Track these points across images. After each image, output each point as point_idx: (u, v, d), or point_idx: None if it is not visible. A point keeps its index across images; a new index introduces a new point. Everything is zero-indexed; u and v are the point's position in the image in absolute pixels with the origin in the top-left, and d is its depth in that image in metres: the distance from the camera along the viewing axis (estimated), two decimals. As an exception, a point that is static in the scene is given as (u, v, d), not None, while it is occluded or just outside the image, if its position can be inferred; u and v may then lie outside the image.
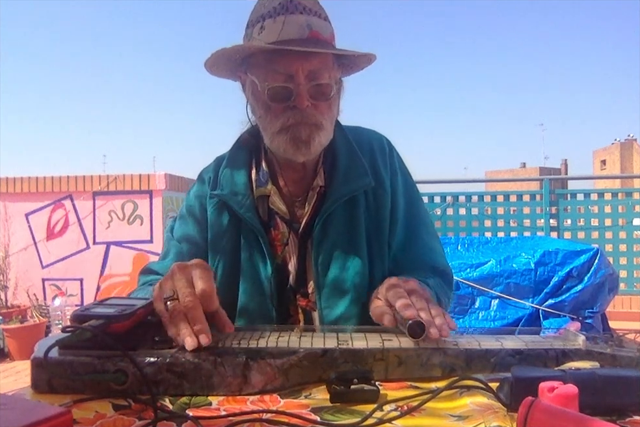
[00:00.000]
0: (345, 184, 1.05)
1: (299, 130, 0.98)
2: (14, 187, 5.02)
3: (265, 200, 1.08)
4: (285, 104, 0.98)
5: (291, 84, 0.96)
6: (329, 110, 1.01)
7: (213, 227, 1.09)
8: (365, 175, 1.06)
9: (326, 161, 1.09)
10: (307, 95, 0.97)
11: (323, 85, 0.98)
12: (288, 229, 1.06)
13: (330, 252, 1.03)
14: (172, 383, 0.69)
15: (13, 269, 4.88)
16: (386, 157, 1.11)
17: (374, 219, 1.06)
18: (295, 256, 1.06)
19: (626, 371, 0.65)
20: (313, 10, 0.99)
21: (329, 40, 1.01)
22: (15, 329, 4.37)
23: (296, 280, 1.06)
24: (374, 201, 1.07)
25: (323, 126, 0.99)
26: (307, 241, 1.05)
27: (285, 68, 0.96)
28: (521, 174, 34.95)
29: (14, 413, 0.51)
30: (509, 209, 5.28)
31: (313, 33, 0.97)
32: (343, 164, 1.07)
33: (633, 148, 30.79)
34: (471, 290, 3.38)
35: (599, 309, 3.25)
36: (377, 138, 1.15)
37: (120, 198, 4.87)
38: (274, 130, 1.00)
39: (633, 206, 4.99)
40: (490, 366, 0.73)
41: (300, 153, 1.00)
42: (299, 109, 0.97)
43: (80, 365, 0.69)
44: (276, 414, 0.62)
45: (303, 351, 0.72)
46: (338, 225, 1.04)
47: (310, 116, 0.98)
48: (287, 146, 0.99)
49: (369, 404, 0.65)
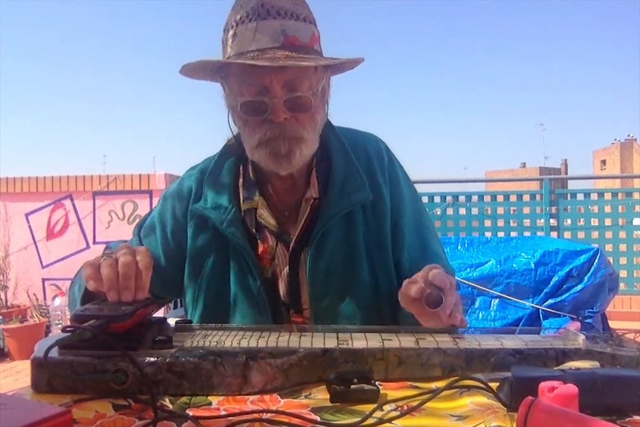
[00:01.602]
0: (341, 198, 0.99)
1: (278, 144, 0.93)
2: (14, 187, 5.02)
3: (253, 213, 1.03)
4: (262, 117, 0.92)
5: (266, 98, 0.91)
6: (311, 120, 0.95)
7: (196, 242, 1.04)
8: (362, 188, 1.00)
9: (320, 170, 1.03)
10: (283, 107, 0.91)
11: (302, 97, 0.92)
12: (276, 242, 1.02)
13: (327, 269, 0.98)
14: (172, 383, 0.69)
15: (13, 269, 4.88)
16: (385, 166, 1.05)
17: (375, 233, 1.01)
18: (285, 271, 1.01)
19: (626, 371, 0.65)
20: (289, 12, 0.91)
21: (309, 44, 0.93)
22: (15, 329, 4.38)
23: (289, 295, 1.02)
24: (373, 214, 1.02)
25: (304, 138, 0.94)
26: (298, 255, 1.01)
27: (258, 80, 0.90)
28: (521, 174, 34.95)
29: (14, 413, 0.51)
30: (509, 209, 5.28)
31: (289, 39, 0.90)
32: (339, 175, 1.01)
33: (633, 148, 30.79)
34: (471, 290, 3.37)
35: (599, 309, 3.25)
36: (374, 145, 1.08)
37: (120, 198, 4.87)
38: (253, 144, 0.95)
39: (633, 205, 4.99)
40: (490, 366, 0.73)
41: (282, 167, 0.95)
42: (276, 123, 0.91)
43: (80, 365, 0.69)
44: (276, 414, 0.62)
45: (303, 351, 0.72)
46: (334, 240, 0.99)
47: (289, 129, 0.92)
48: (267, 160, 0.95)
49: (369, 404, 0.65)
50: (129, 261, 0.79)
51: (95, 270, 0.80)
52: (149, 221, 1.13)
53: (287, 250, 1.02)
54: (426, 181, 5.66)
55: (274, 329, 0.83)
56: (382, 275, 1.01)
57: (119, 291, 0.77)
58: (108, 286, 0.77)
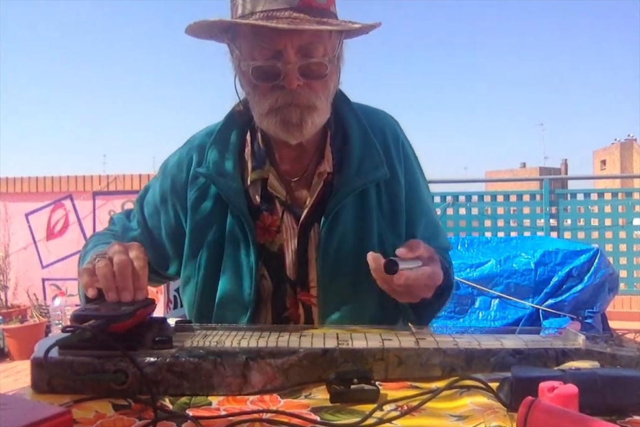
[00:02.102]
0: (358, 175, 0.95)
1: (289, 112, 0.88)
2: (14, 187, 5.02)
3: (261, 183, 0.99)
4: (273, 83, 0.87)
5: (279, 62, 0.86)
6: (324, 88, 0.90)
7: (195, 215, 1.00)
8: (380, 166, 0.96)
9: (335, 144, 0.98)
10: (297, 74, 0.86)
11: (317, 63, 0.87)
12: (288, 214, 0.98)
13: (338, 246, 0.95)
14: (172, 383, 0.69)
15: (13, 269, 4.88)
16: (399, 146, 1.02)
17: (388, 212, 0.98)
18: (294, 245, 0.97)
19: (626, 371, 0.65)
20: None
21: (325, 5, 0.88)
22: (15, 329, 4.37)
23: (296, 272, 0.98)
24: (387, 194, 0.98)
25: (317, 107, 0.89)
26: (308, 230, 0.97)
27: (271, 44, 0.85)
28: (521, 174, 34.94)
29: (14, 413, 0.51)
30: (509, 209, 5.28)
31: (306, 0, 0.85)
32: (356, 151, 0.97)
33: (633, 148, 30.78)
34: (471, 290, 3.37)
35: (599, 309, 3.25)
36: (390, 123, 1.05)
37: (120, 198, 4.87)
38: (262, 111, 0.90)
39: (633, 206, 4.99)
40: (490, 366, 0.73)
41: (292, 137, 0.91)
42: (288, 90, 0.87)
43: (80, 365, 0.69)
44: (276, 414, 0.62)
45: (303, 351, 0.72)
46: (347, 218, 0.96)
47: (301, 96, 0.87)
48: (277, 128, 0.90)
49: (369, 404, 0.65)
50: (123, 260, 0.79)
51: (92, 276, 0.79)
52: (151, 196, 1.09)
53: (296, 224, 0.98)
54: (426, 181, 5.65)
55: (274, 329, 0.83)
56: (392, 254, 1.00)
57: (118, 292, 0.77)
58: (106, 287, 0.77)
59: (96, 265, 0.79)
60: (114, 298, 0.77)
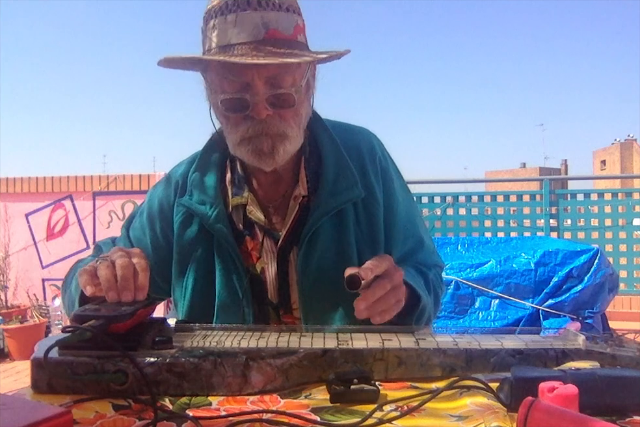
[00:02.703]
0: (333, 196, 0.97)
1: (260, 142, 0.90)
2: (14, 187, 5.02)
3: (242, 209, 1.01)
4: (244, 114, 0.89)
5: (248, 95, 0.87)
6: (295, 116, 0.92)
7: (182, 238, 1.02)
8: (354, 186, 0.98)
9: (309, 167, 1.00)
10: (265, 104, 0.88)
11: (285, 94, 0.89)
12: (267, 238, 1.00)
13: (317, 267, 0.96)
14: (172, 383, 0.69)
15: (13, 269, 4.88)
16: (376, 162, 1.03)
17: (366, 230, 0.99)
18: (273, 269, 0.99)
19: (626, 372, 0.65)
20: (270, 2, 0.87)
21: (292, 36, 0.89)
22: (15, 329, 4.37)
23: (278, 294, 1.00)
24: (365, 212, 0.99)
25: (288, 135, 0.91)
26: (287, 253, 0.99)
27: (239, 76, 0.87)
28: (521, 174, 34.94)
29: (14, 413, 0.51)
30: (509, 210, 5.28)
31: (270, 32, 0.86)
32: (330, 173, 0.98)
33: (633, 148, 30.79)
34: (471, 290, 3.37)
35: (599, 309, 3.25)
36: (366, 140, 1.05)
37: (120, 198, 4.87)
38: (235, 141, 0.93)
39: (633, 206, 4.98)
40: (490, 366, 0.73)
41: (266, 164, 0.93)
42: (258, 120, 0.89)
43: (80, 365, 0.69)
44: (276, 414, 0.63)
45: (303, 351, 0.72)
46: (325, 239, 0.97)
47: (272, 126, 0.89)
48: (250, 157, 0.92)
49: (369, 404, 0.65)
50: (126, 263, 0.80)
51: (92, 276, 0.80)
52: (138, 220, 1.11)
53: (275, 247, 1.00)
54: (426, 181, 5.66)
55: (274, 329, 0.83)
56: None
57: (118, 292, 0.77)
58: (107, 287, 0.77)
59: (98, 267, 0.79)
60: (115, 298, 0.77)
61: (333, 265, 0.96)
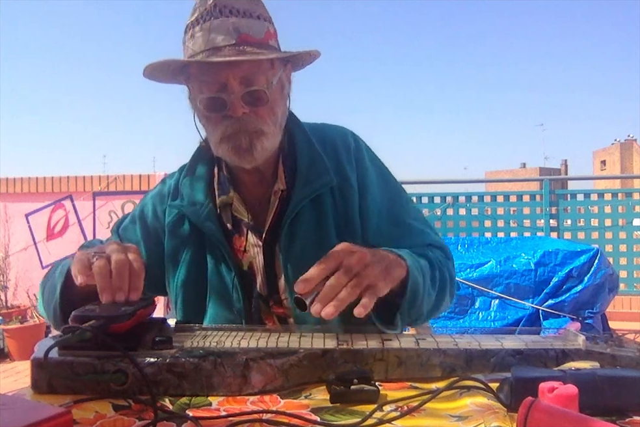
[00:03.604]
0: (306, 185, 1.02)
1: (239, 139, 0.95)
2: (14, 187, 5.02)
3: (229, 208, 1.06)
4: (222, 113, 0.95)
5: (224, 94, 0.93)
6: (270, 114, 0.97)
7: (173, 237, 1.07)
8: (326, 173, 1.02)
9: (286, 163, 1.05)
10: (241, 102, 0.93)
11: (259, 91, 0.94)
12: (252, 234, 1.04)
13: (300, 255, 0.99)
14: (172, 383, 0.69)
15: (13, 269, 4.88)
16: (351, 153, 1.07)
17: (343, 216, 1.03)
18: (261, 263, 1.03)
19: (626, 372, 0.65)
20: (242, 11, 0.94)
21: (263, 40, 0.96)
22: (15, 329, 4.38)
23: (267, 287, 1.03)
24: (342, 198, 1.03)
25: (264, 132, 0.96)
26: (273, 246, 1.03)
27: (215, 78, 0.93)
28: (521, 174, 34.96)
29: (14, 413, 0.51)
30: (509, 210, 5.27)
31: (242, 37, 0.93)
32: (304, 165, 1.03)
33: (633, 148, 30.80)
34: (471, 290, 3.37)
35: (599, 309, 3.25)
36: (341, 135, 1.11)
37: (120, 198, 4.87)
38: (216, 140, 0.98)
39: (633, 206, 4.98)
40: (490, 366, 0.73)
41: (245, 161, 0.98)
42: (235, 118, 0.94)
43: (80, 365, 0.69)
44: (276, 414, 0.63)
45: (303, 351, 0.72)
46: (306, 227, 1.01)
47: (248, 123, 0.95)
48: (230, 155, 0.97)
49: (369, 404, 0.65)
50: (122, 259, 0.80)
51: (86, 267, 0.80)
52: (130, 220, 1.15)
53: (260, 241, 1.03)
54: (427, 181, 5.65)
55: (274, 329, 0.83)
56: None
57: (112, 292, 0.77)
58: (102, 286, 0.77)
59: (94, 263, 0.79)
60: (109, 299, 0.77)
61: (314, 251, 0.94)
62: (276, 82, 0.97)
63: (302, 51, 1.00)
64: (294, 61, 1.05)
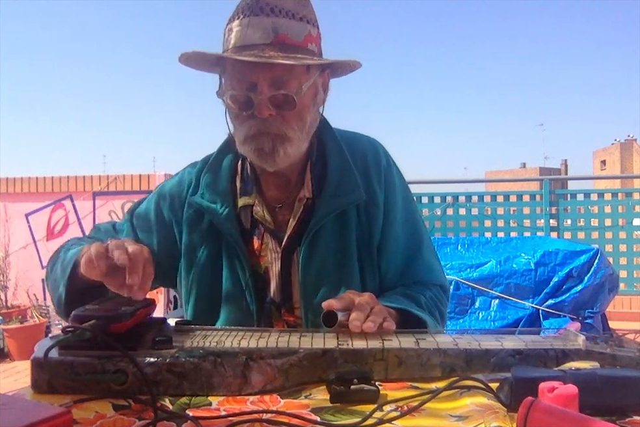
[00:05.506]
0: (335, 198, 0.99)
1: (261, 141, 0.93)
2: (14, 187, 5.02)
3: (249, 209, 1.03)
4: (249, 112, 0.93)
5: (252, 93, 0.91)
6: (298, 119, 0.95)
7: (191, 233, 1.05)
8: (356, 189, 1.00)
9: (315, 171, 1.03)
10: (268, 104, 0.91)
11: (287, 95, 0.92)
12: (271, 238, 1.02)
13: (319, 266, 0.99)
14: (172, 383, 0.69)
15: (13, 269, 4.88)
16: (381, 171, 1.05)
17: (367, 235, 1.01)
18: (277, 269, 1.02)
19: (626, 372, 0.65)
20: (284, 10, 0.91)
21: (301, 43, 0.93)
22: (15, 329, 4.37)
23: (280, 293, 1.02)
24: (366, 216, 1.02)
25: (289, 137, 0.94)
26: (291, 253, 1.01)
27: (246, 76, 0.92)
28: (521, 174, 34.94)
29: (14, 412, 0.51)
30: (509, 210, 5.28)
31: (280, 37, 0.90)
32: (334, 176, 1.01)
33: (633, 148, 30.79)
34: (471, 290, 3.37)
35: (599, 309, 3.25)
36: (372, 149, 1.08)
37: (120, 198, 4.87)
38: (240, 139, 0.96)
39: (633, 206, 4.99)
40: (490, 366, 0.73)
41: (267, 164, 0.96)
42: (260, 119, 0.92)
43: (80, 365, 0.69)
44: (276, 414, 0.63)
45: (303, 351, 0.72)
46: (327, 240, 0.99)
47: (272, 126, 0.92)
48: (253, 156, 0.96)
49: (369, 404, 0.65)
50: (137, 249, 0.81)
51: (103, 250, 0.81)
52: (145, 211, 1.12)
53: (279, 247, 1.02)
54: (427, 181, 5.66)
55: (274, 329, 0.83)
56: (369, 276, 1.01)
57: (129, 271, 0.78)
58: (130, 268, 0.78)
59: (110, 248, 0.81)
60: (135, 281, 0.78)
61: (334, 265, 0.99)
62: (307, 88, 0.94)
63: (339, 60, 0.98)
64: (334, 68, 1.02)
